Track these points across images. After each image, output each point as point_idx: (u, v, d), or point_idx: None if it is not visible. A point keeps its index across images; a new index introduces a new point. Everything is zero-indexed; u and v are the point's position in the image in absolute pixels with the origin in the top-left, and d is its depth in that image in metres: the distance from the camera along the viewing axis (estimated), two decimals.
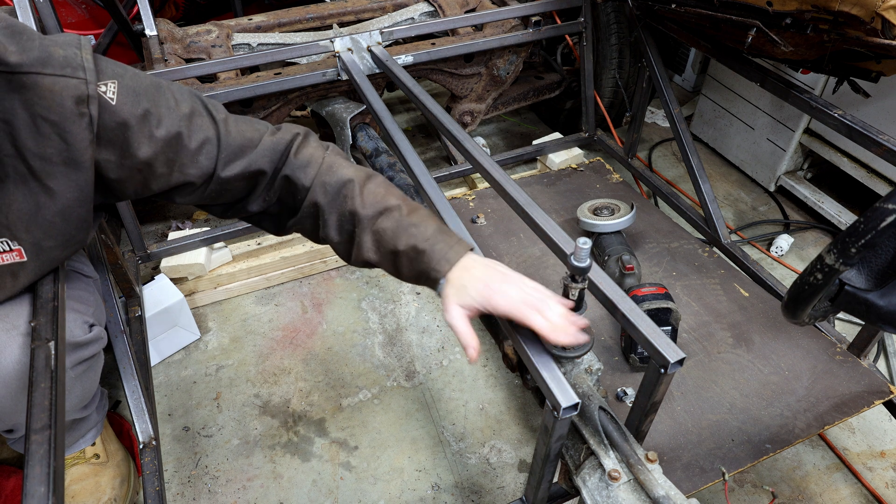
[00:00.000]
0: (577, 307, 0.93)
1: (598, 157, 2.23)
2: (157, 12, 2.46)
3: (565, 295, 0.91)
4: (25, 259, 0.88)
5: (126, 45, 2.06)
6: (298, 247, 1.96)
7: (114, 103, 0.80)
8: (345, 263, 2.02)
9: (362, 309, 1.89)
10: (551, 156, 2.24)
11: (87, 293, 1.12)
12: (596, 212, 1.78)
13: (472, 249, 0.93)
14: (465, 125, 2.27)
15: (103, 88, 0.80)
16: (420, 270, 0.91)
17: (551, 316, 0.85)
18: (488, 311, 0.88)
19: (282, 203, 0.98)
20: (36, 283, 0.94)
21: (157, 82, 0.87)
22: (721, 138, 2.52)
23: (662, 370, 0.89)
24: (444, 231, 0.93)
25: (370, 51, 1.84)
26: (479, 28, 2.13)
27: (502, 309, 0.86)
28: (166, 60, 1.81)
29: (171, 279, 1.78)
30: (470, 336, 0.87)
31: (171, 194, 0.93)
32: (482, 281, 0.87)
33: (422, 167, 1.34)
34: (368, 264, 0.96)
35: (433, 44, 1.97)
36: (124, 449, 1.43)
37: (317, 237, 0.99)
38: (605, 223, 1.69)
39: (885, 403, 1.36)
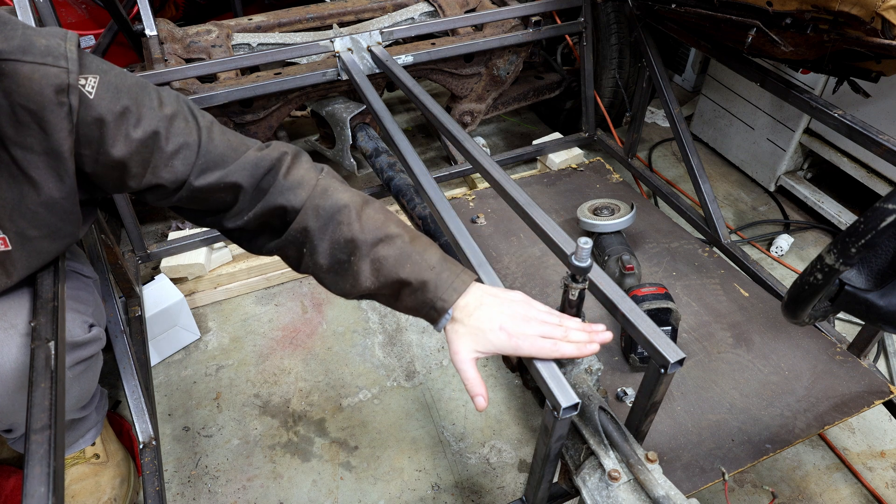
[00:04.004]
0: (577, 308, 0.93)
1: (598, 157, 2.23)
2: (157, 12, 2.46)
3: (565, 295, 0.91)
4: (10, 248, 0.87)
5: (126, 45, 2.06)
6: None
7: (91, 97, 0.78)
8: None
9: (362, 309, 1.89)
10: (551, 156, 2.24)
11: (86, 293, 1.12)
12: (596, 212, 1.77)
13: (477, 279, 0.90)
14: (465, 125, 2.27)
15: (83, 82, 0.78)
16: (424, 300, 0.87)
17: (575, 336, 0.85)
18: (510, 356, 0.88)
19: (264, 224, 0.92)
20: (36, 282, 0.94)
21: (143, 82, 0.85)
22: (721, 138, 2.52)
23: (662, 370, 0.89)
24: (448, 259, 0.90)
25: (370, 51, 1.84)
26: (479, 28, 2.13)
27: (526, 353, 0.84)
28: (166, 60, 1.81)
29: (171, 279, 1.78)
30: (480, 384, 0.85)
31: (143, 194, 0.90)
32: (499, 324, 0.84)
33: (422, 167, 1.34)
34: (361, 294, 0.90)
35: (433, 44, 1.97)
36: (124, 449, 1.43)
37: (299, 265, 0.93)
38: (605, 223, 1.69)
39: (885, 403, 1.36)
